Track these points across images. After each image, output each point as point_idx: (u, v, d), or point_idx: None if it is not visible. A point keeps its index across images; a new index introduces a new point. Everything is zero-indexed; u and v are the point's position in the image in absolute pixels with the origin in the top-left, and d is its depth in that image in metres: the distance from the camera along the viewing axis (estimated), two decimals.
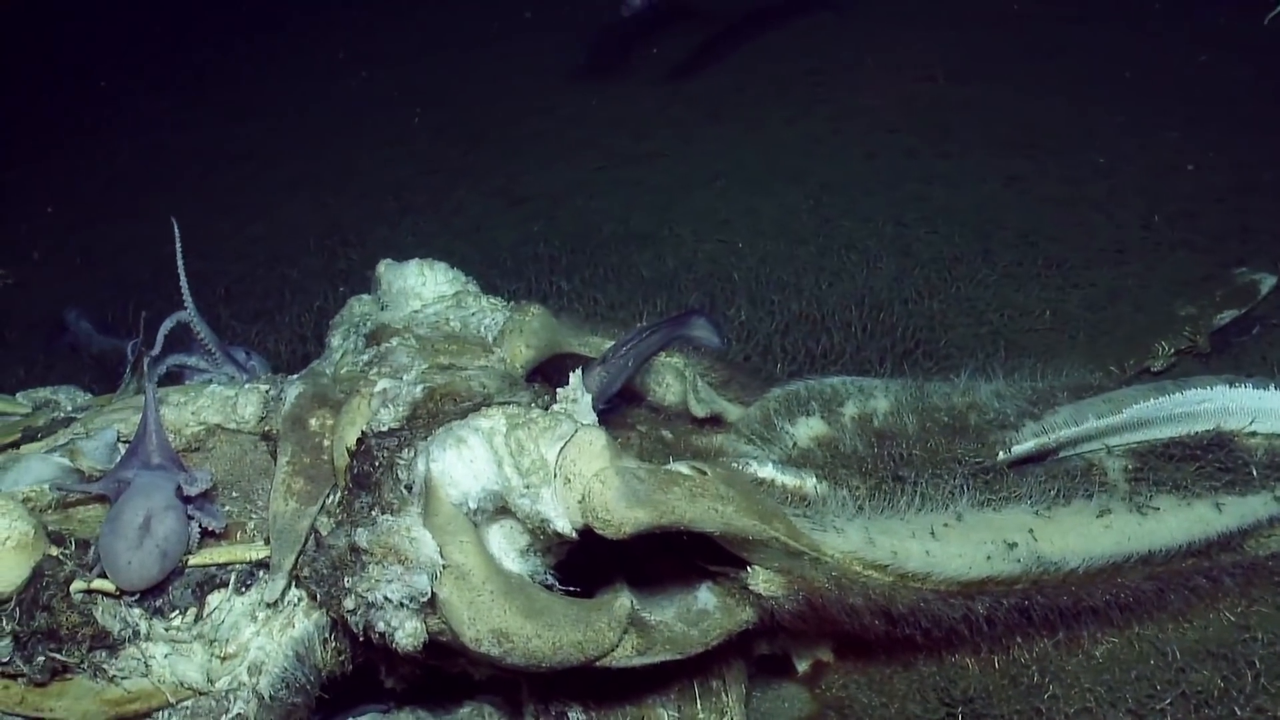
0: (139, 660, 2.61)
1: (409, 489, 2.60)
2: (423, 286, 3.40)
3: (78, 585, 2.57)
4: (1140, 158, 6.44)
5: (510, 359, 3.15)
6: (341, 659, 2.88)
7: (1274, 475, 3.18)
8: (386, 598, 2.52)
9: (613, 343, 3.25)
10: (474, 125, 8.83)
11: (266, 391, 3.13)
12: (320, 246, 6.99)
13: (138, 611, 2.63)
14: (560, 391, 2.72)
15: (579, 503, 2.45)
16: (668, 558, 2.92)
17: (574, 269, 6.06)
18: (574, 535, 2.51)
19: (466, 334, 3.22)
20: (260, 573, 2.76)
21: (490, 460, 2.54)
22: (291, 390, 3.02)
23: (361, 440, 2.73)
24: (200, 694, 2.68)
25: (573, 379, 2.71)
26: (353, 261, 6.55)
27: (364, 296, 3.57)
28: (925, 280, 5.48)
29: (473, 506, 2.56)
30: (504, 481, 2.53)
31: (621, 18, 8.30)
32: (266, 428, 3.04)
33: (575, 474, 2.47)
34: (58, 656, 2.52)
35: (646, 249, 6.27)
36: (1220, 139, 6.50)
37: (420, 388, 2.84)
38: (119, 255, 7.36)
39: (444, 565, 2.50)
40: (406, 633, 2.55)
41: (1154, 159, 6.41)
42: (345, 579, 2.58)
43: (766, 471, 3.01)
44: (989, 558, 2.83)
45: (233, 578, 2.73)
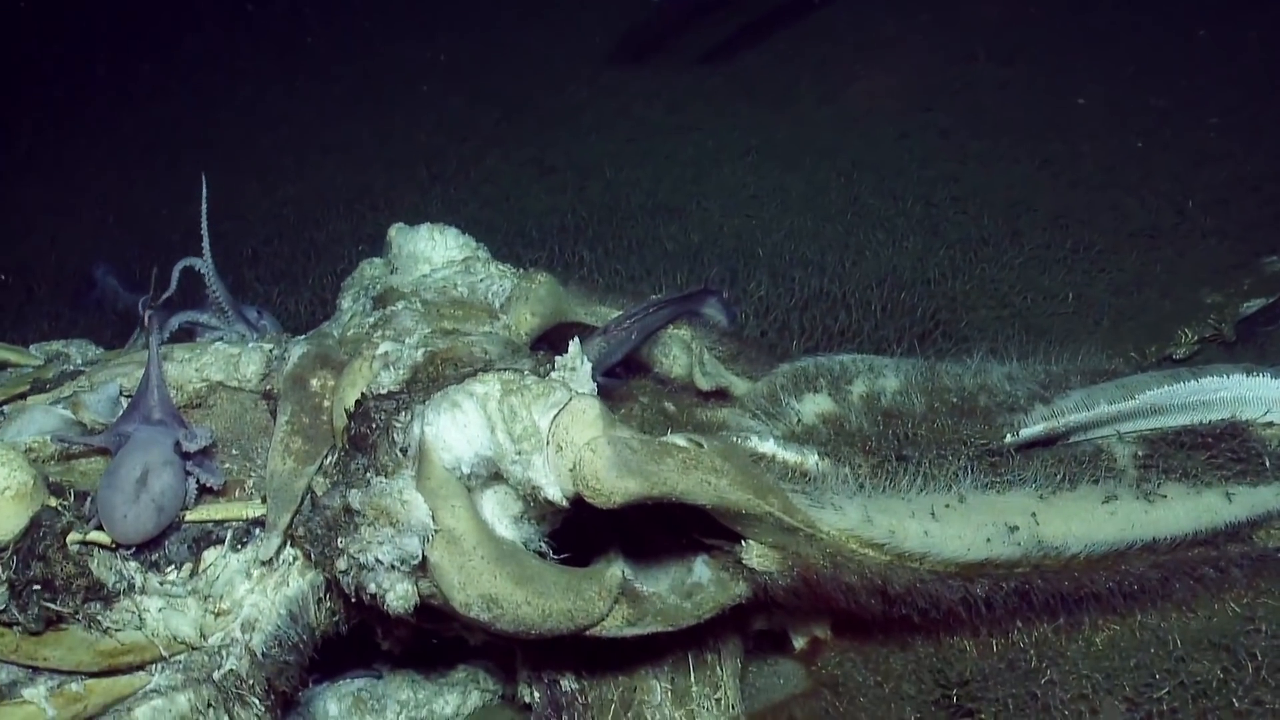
0: (133, 613, 2.63)
1: (404, 452, 2.60)
2: (433, 251, 3.41)
3: (74, 536, 2.58)
4: (1178, 144, 6.32)
5: (515, 326, 3.14)
6: (335, 619, 2.90)
7: None
8: (378, 559, 2.53)
9: (619, 314, 3.23)
10: (510, 96, 8.83)
11: (270, 351, 3.14)
12: (349, 211, 7.04)
13: (133, 565, 2.64)
14: (559, 359, 2.69)
15: (570, 470, 2.42)
16: (667, 530, 2.91)
17: (598, 240, 6.05)
18: (565, 503, 2.49)
19: (473, 299, 3.22)
20: (256, 530, 2.77)
21: (483, 425, 2.53)
22: (295, 350, 3.02)
23: (360, 402, 2.73)
24: (193, 648, 2.70)
25: (572, 347, 2.67)
26: (380, 226, 6.51)
27: (375, 260, 3.59)
28: (950, 261, 5.42)
29: (466, 471, 2.55)
30: (496, 447, 2.51)
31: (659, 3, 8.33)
32: (268, 386, 3.05)
33: (567, 441, 2.44)
34: (52, 606, 2.54)
35: (673, 222, 6.25)
36: (1261, 128, 6.35)
37: (421, 351, 2.84)
38: (151, 216, 7.43)
39: (436, 529, 2.50)
40: (397, 595, 2.56)
41: (1192, 146, 6.28)
42: (339, 539, 2.59)
43: (767, 447, 2.96)
44: (989, 540, 2.79)
45: (229, 535, 2.75)
